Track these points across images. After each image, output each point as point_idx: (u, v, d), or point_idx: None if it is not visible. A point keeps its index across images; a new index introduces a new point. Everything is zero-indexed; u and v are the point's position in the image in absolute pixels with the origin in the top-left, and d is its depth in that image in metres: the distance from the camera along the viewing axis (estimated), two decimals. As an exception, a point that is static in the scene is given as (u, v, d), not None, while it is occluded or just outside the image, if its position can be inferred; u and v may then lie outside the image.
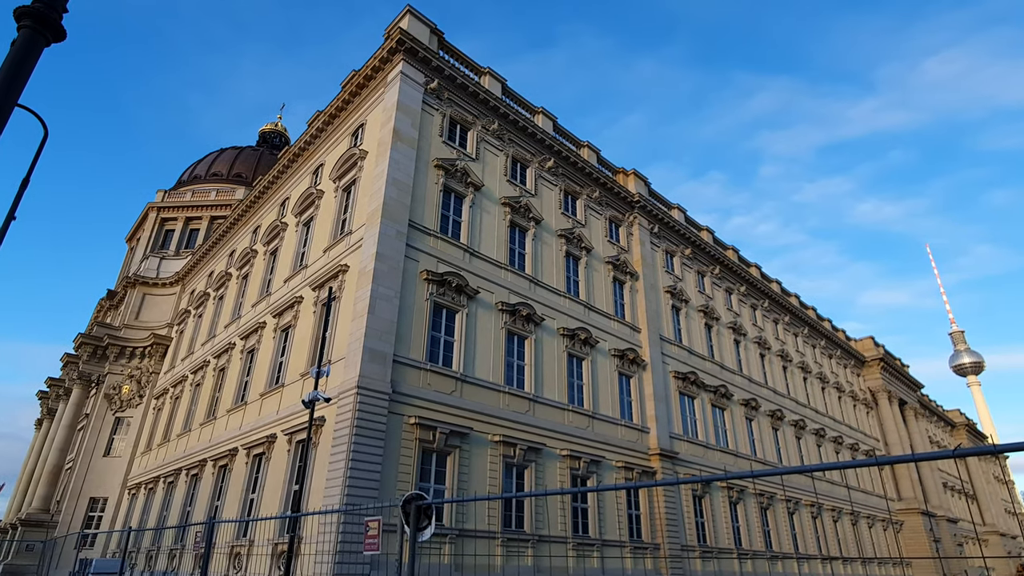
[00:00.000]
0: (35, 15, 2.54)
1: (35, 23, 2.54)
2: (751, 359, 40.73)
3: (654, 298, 33.02)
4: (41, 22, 2.54)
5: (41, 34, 2.56)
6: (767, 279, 47.97)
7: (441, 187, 23.97)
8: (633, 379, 29.42)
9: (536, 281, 26.27)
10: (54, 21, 2.65)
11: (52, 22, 2.63)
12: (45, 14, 2.54)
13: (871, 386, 58.20)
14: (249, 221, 37.05)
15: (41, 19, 2.54)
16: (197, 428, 30.68)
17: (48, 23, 2.58)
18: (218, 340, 33.23)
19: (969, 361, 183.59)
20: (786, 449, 40.25)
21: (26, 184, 8.02)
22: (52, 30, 2.65)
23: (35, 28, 2.54)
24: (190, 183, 63.07)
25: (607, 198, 33.00)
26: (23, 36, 2.56)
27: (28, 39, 2.54)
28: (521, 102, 29.97)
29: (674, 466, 28.81)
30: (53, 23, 2.64)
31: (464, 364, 21.55)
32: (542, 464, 22.49)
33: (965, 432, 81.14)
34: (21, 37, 2.57)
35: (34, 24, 2.53)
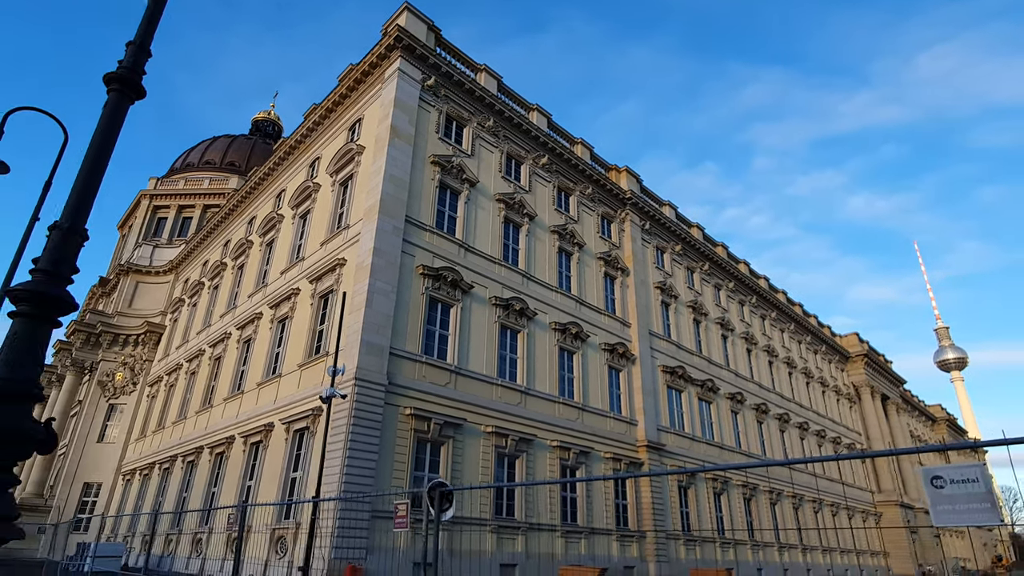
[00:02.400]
0: (122, 80, 3.01)
1: (122, 86, 3.01)
2: (738, 354, 41.57)
3: (644, 294, 33.67)
4: (127, 85, 3.02)
5: (127, 95, 3.04)
6: (755, 275, 48.78)
7: (437, 183, 24.38)
8: (622, 373, 30.10)
9: (529, 276, 26.80)
10: (136, 83, 3.12)
11: (135, 84, 3.10)
12: (129, 78, 3.02)
13: (855, 381, 59.40)
14: (244, 212, 37.25)
15: (127, 83, 3.01)
16: (193, 416, 31.08)
17: (132, 85, 3.05)
18: (213, 329, 33.54)
19: (953, 357, 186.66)
20: (770, 442, 41.22)
21: (48, 187, 8.45)
22: (135, 91, 3.12)
23: (122, 91, 3.02)
24: (183, 171, 62.88)
25: (600, 195, 33.52)
26: (112, 99, 3.03)
27: (116, 101, 3.02)
28: (516, 99, 30.34)
29: (661, 458, 29.59)
30: (136, 85, 3.11)
31: (458, 357, 22.10)
32: (533, 454, 23.14)
33: (946, 427, 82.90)
34: (111, 99, 3.04)
35: (121, 87, 3.01)
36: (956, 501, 2.23)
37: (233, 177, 60.90)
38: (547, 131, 30.91)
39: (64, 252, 2.63)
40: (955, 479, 2.29)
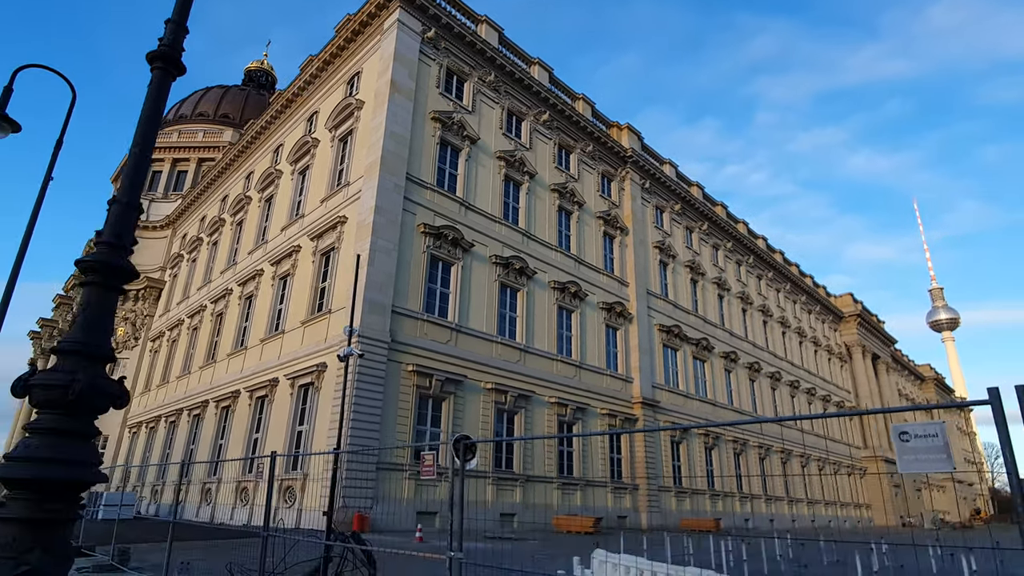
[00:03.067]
0: (164, 57, 3.12)
1: (165, 63, 3.13)
2: (733, 313, 42.12)
3: (643, 253, 33.87)
4: (169, 62, 3.13)
5: (170, 73, 3.16)
6: (753, 235, 48.92)
7: (438, 140, 24.19)
8: (619, 331, 30.60)
9: (529, 235, 26.92)
10: (177, 59, 3.24)
11: (176, 61, 3.22)
12: (171, 55, 3.13)
13: (847, 341, 60.38)
14: (241, 167, 36.90)
15: (169, 60, 3.13)
16: (197, 371, 31.60)
17: (174, 63, 3.16)
18: (214, 286, 33.74)
19: (945, 317, 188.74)
20: (761, 399, 42.24)
21: (59, 146, 8.50)
22: (176, 67, 3.24)
23: (165, 68, 3.13)
24: (175, 123, 61.73)
25: (600, 152, 33.28)
26: (156, 76, 3.14)
27: (160, 79, 3.14)
28: (518, 52, 29.75)
29: (655, 414, 30.41)
30: (177, 62, 3.22)
31: (459, 315, 22.44)
32: (531, 410, 23.79)
33: (934, 386, 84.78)
34: (155, 77, 3.16)
35: (164, 65, 3.13)
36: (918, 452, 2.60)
37: (228, 130, 59.90)
38: (549, 86, 30.45)
39: (124, 225, 2.82)
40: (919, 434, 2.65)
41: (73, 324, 2.65)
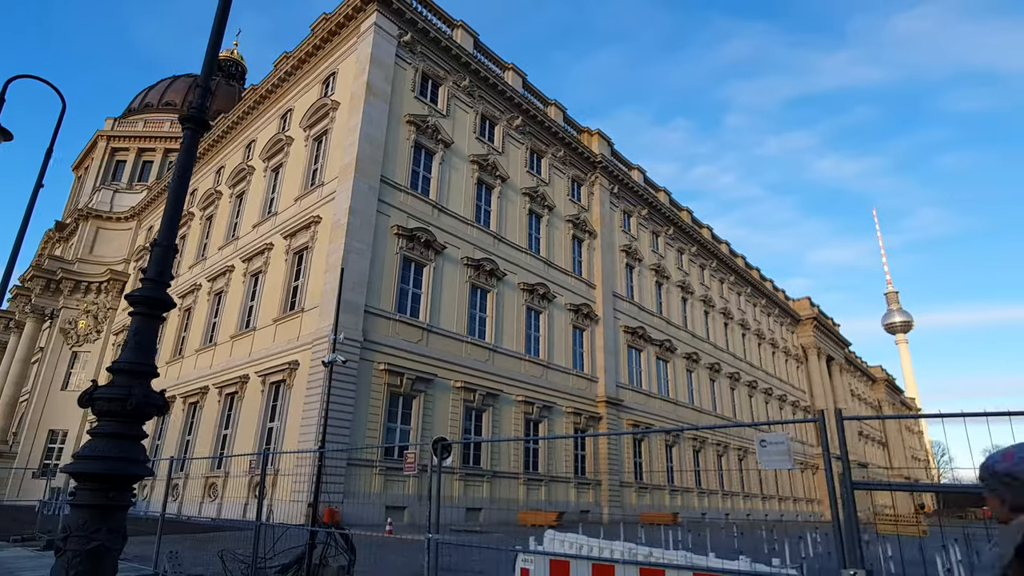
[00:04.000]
0: (194, 120, 3.69)
1: (195, 125, 3.71)
2: (696, 316, 43.60)
3: (610, 256, 34.91)
4: (198, 124, 3.71)
5: (199, 132, 3.73)
6: (717, 240, 50.59)
7: (412, 143, 24.67)
8: (586, 332, 31.57)
9: (500, 237, 27.60)
10: (205, 121, 3.81)
11: (205, 122, 3.79)
12: (200, 118, 3.71)
13: (803, 343, 62.82)
14: (211, 160, 36.63)
15: (198, 122, 3.71)
16: (163, 366, 31.35)
17: (202, 123, 3.75)
18: (182, 280, 33.51)
19: (900, 320, 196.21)
20: (721, 399, 43.86)
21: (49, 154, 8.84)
22: (205, 127, 3.81)
23: (195, 129, 3.71)
24: (141, 111, 60.47)
25: (571, 157, 34.16)
26: (187, 136, 3.71)
27: (191, 138, 3.71)
28: (492, 57, 30.37)
29: (619, 412, 31.49)
30: (205, 122, 3.80)
31: (430, 315, 23.01)
32: (499, 408, 24.52)
33: (884, 387, 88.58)
34: (186, 136, 3.73)
35: (195, 127, 3.70)
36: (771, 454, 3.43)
37: (196, 121, 58.73)
38: (522, 92, 31.15)
39: (165, 264, 3.41)
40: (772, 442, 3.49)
41: (125, 347, 3.22)
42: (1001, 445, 1.88)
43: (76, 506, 2.81)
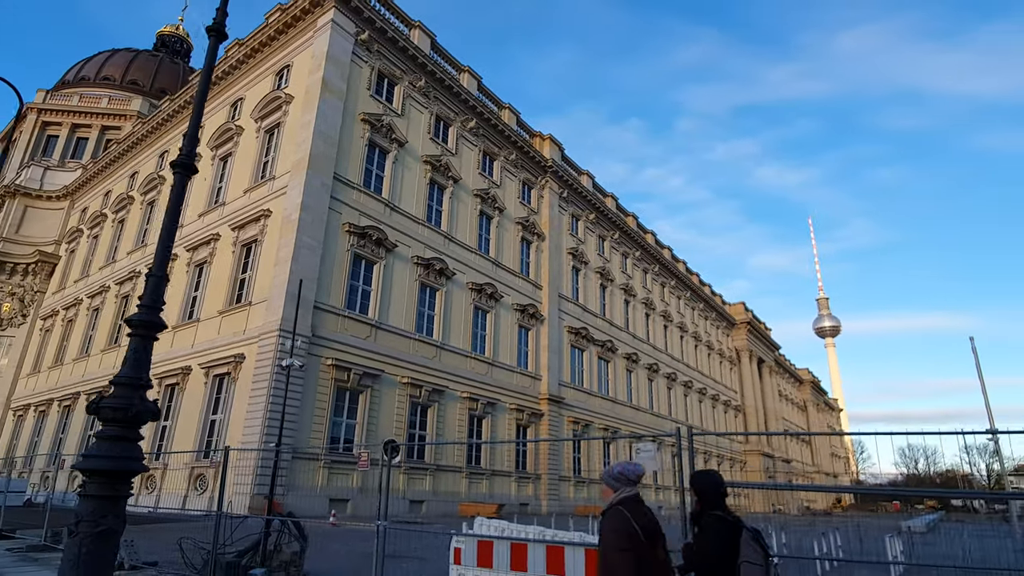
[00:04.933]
0: (183, 165, 4.25)
1: (184, 170, 4.27)
2: (637, 318, 45.45)
3: (557, 258, 36.07)
4: (187, 168, 4.28)
5: (187, 176, 4.29)
6: (660, 245, 52.71)
7: (366, 141, 24.94)
8: (531, 331, 32.62)
9: (450, 237, 28.22)
10: (192, 166, 4.38)
11: (191, 167, 4.36)
12: (189, 164, 4.28)
13: (737, 346, 66.17)
14: (154, 144, 35.60)
15: (187, 167, 4.27)
16: (98, 354, 30.50)
17: (190, 168, 4.32)
18: (120, 266, 32.55)
19: (828, 325, 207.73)
20: (657, 397, 45.94)
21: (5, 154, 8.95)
22: (193, 171, 4.38)
23: (184, 173, 4.27)
24: (76, 85, 57.59)
25: (523, 161, 35.06)
26: (177, 179, 4.26)
27: (180, 181, 4.26)
28: (449, 59, 30.86)
29: (560, 410, 32.73)
30: (192, 167, 4.37)
31: (379, 312, 23.45)
32: (444, 404, 25.22)
33: (810, 388, 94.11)
34: (176, 180, 4.26)
35: (183, 171, 4.27)
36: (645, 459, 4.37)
37: (136, 98, 56.72)
38: (477, 95, 31.79)
39: (158, 293, 3.99)
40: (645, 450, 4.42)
41: (125, 364, 3.80)
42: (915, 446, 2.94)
43: (85, 496, 3.40)
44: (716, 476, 3.42)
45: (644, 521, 2.97)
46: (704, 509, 3.28)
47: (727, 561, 3.00)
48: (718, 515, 3.17)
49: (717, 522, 3.14)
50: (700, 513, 3.27)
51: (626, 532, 2.90)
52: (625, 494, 3.08)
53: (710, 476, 3.41)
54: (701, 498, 3.31)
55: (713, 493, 3.29)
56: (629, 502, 3.05)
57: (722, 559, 3.02)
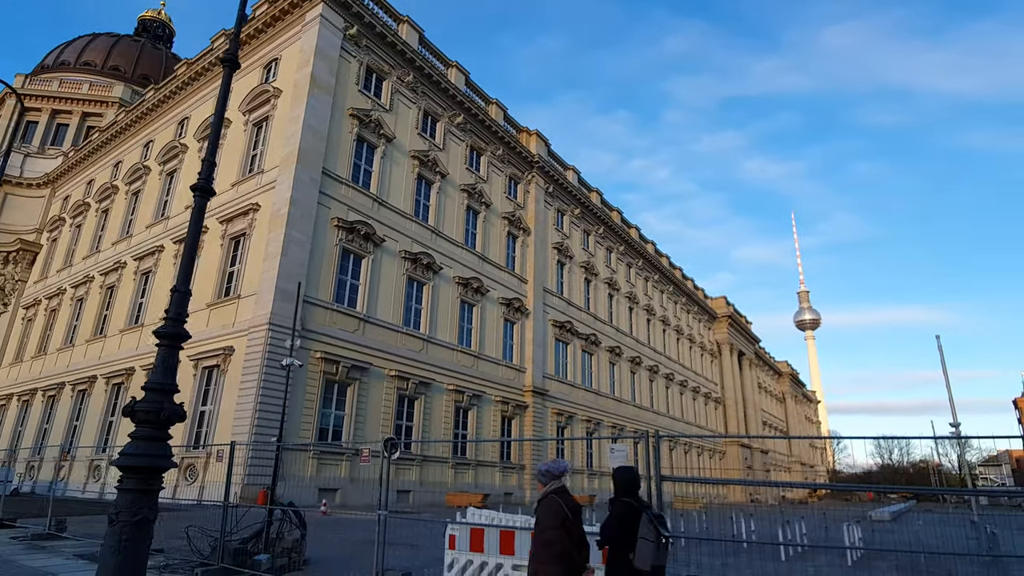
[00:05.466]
0: (202, 189, 4.66)
1: (203, 193, 4.68)
2: (620, 311, 46.21)
3: (543, 253, 36.59)
4: (205, 192, 4.69)
5: (205, 198, 4.70)
6: (644, 240, 53.47)
7: (355, 136, 25.16)
8: (516, 325, 33.16)
9: (438, 232, 28.58)
10: (211, 189, 4.78)
11: (210, 190, 4.76)
12: (207, 187, 4.69)
13: (718, 339, 67.39)
14: (139, 133, 35.38)
15: (205, 191, 4.68)
16: (83, 344, 30.47)
17: (209, 191, 4.72)
18: (104, 257, 32.45)
19: (809, 318, 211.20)
20: (639, 390, 46.85)
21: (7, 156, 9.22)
22: (211, 194, 4.78)
23: (203, 196, 4.68)
24: (56, 70, 56.68)
25: (509, 156, 35.43)
26: (197, 202, 4.68)
27: (200, 203, 4.67)
28: (437, 54, 31.06)
29: (544, 401, 33.38)
30: (211, 191, 4.77)
31: (367, 306, 23.81)
32: (431, 396, 25.71)
33: (788, 380, 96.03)
34: (196, 203, 4.68)
35: (203, 195, 4.67)
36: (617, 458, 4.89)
37: (118, 84, 56.01)
38: (464, 90, 32.04)
39: (182, 306, 4.41)
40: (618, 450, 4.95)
41: (155, 371, 4.22)
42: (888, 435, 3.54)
43: (123, 490, 3.83)
44: (632, 471, 4.23)
45: (571, 505, 3.90)
46: (618, 496, 4.08)
47: (629, 536, 3.82)
48: (626, 501, 4.00)
49: (624, 507, 3.97)
50: (614, 499, 4.05)
51: (560, 514, 3.79)
52: (555, 486, 4.00)
53: (627, 472, 4.21)
54: (618, 488, 4.08)
55: (626, 485, 4.09)
56: (559, 492, 3.96)
57: (624, 535, 3.85)
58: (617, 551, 3.88)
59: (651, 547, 3.69)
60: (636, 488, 4.09)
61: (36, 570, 6.99)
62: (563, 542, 3.70)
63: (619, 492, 4.06)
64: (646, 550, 3.69)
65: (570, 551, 3.70)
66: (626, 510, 3.91)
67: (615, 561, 3.89)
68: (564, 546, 3.68)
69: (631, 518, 3.84)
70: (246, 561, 6.62)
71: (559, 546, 3.68)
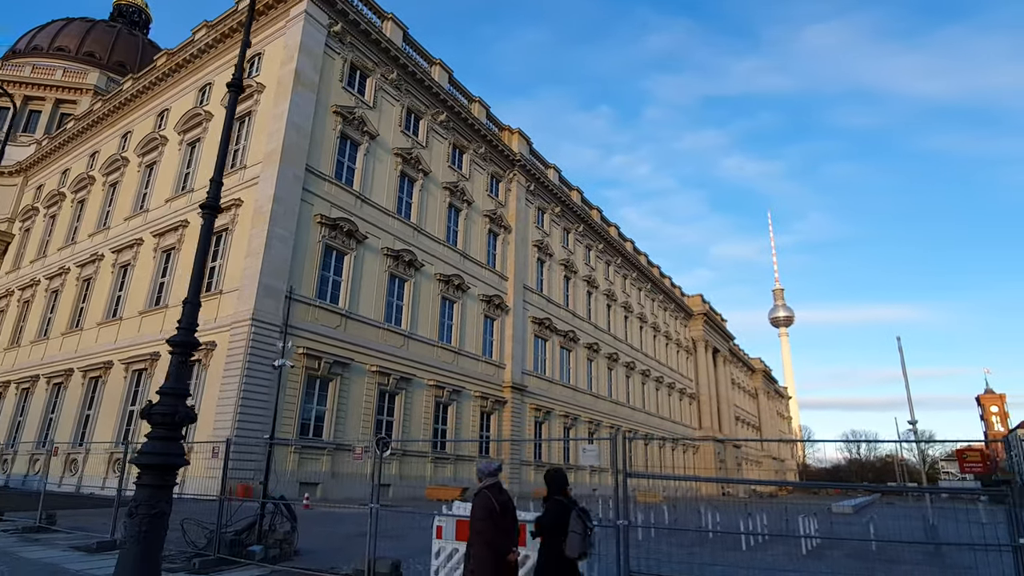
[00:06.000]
0: (210, 207, 5.04)
1: (210, 211, 5.05)
2: (599, 309, 46.98)
3: (523, 250, 37.09)
4: (212, 210, 5.07)
5: (214, 216, 5.07)
6: (623, 238, 54.30)
7: (338, 134, 25.32)
8: (497, 321, 33.65)
9: (420, 229, 28.88)
10: (218, 207, 5.15)
11: (217, 208, 5.13)
12: (215, 205, 5.07)
13: (694, 336, 68.72)
14: (116, 123, 34.95)
15: (212, 208, 5.06)
16: (58, 337, 30.17)
17: (216, 209, 5.09)
18: (81, 248, 32.10)
19: (783, 315, 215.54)
20: (616, 386, 47.73)
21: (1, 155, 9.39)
22: (217, 211, 5.16)
23: (211, 214, 5.05)
24: (28, 55, 55.41)
25: (491, 154, 35.79)
26: (206, 219, 5.07)
27: (208, 220, 5.05)
28: (421, 52, 31.26)
29: (523, 397, 33.97)
30: (217, 208, 5.15)
31: (350, 302, 24.07)
32: (411, 392, 26.09)
33: (761, 376, 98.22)
34: (205, 221, 5.07)
35: (210, 212, 5.05)
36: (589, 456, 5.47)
37: (93, 71, 55.05)
38: (448, 88, 32.30)
39: (193, 317, 4.79)
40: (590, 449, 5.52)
41: (168, 377, 4.60)
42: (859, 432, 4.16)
43: (141, 485, 4.22)
44: (561, 473, 4.94)
45: (502, 500, 4.64)
46: (550, 495, 4.79)
47: (560, 529, 4.53)
48: (558, 499, 4.72)
49: (555, 504, 4.70)
50: (547, 497, 4.78)
51: (489, 507, 4.54)
52: (488, 483, 4.72)
53: (557, 473, 4.93)
54: (549, 487, 4.82)
55: (557, 485, 4.81)
56: (492, 488, 4.68)
57: (556, 527, 4.56)
58: (550, 541, 4.56)
59: (579, 538, 4.42)
60: (565, 486, 4.80)
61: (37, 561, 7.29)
62: (489, 531, 4.44)
63: (552, 491, 4.77)
64: (575, 541, 4.41)
65: (496, 538, 4.46)
66: (558, 507, 4.61)
67: (548, 549, 4.59)
68: (490, 534, 4.44)
69: (563, 514, 4.54)
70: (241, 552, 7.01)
71: (487, 534, 4.44)
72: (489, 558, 4.40)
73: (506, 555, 4.52)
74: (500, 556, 4.47)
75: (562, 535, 4.46)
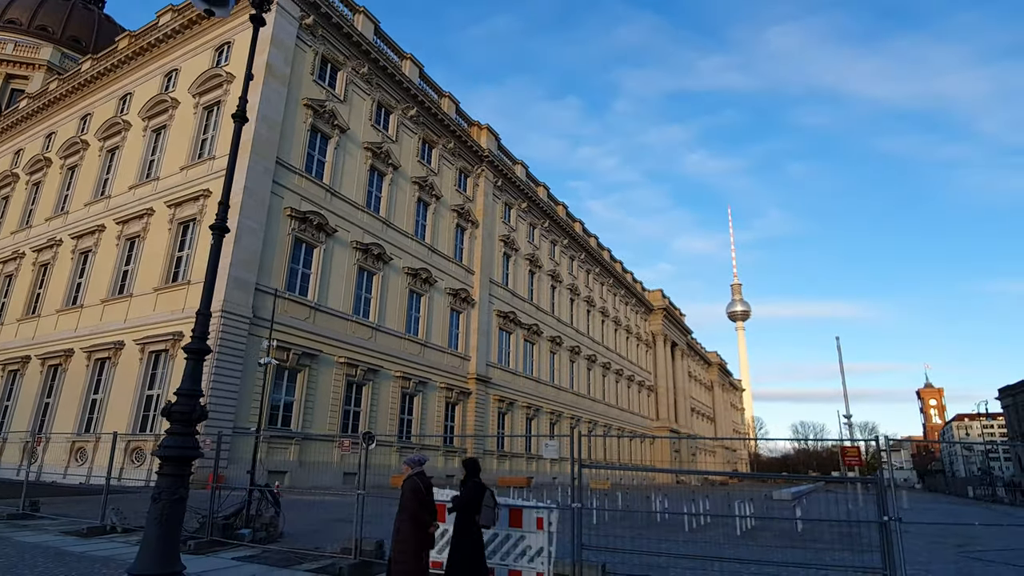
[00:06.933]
0: (219, 227, 5.64)
1: (219, 231, 5.65)
2: (562, 303, 48.15)
3: (490, 245, 37.82)
4: (222, 229, 5.67)
5: (223, 234, 5.67)
6: (587, 234, 55.55)
7: (309, 127, 25.49)
8: (463, 314, 34.36)
9: (389, 223, 29.30)
10: (225, 227, 5.75)
11: (225, 228, 5.73)
12: (223, 226, 5.67)
13: (653, 330, 70.79)
14: (75, 105, 34.07)
15: (221, 228, 5.67)
16: (14, 323, 29.53)
17: (224, 228, 5.69)
18: (37, 232, 31.37)
19: (740, 309, 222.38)
20: (578, 377, 49.09)
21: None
22: (226, 231, 5.76)
23: (220, 233, 5.64)
24: (-26, 26, 52.93)
25: (460, 150, 36.31)
26: (216, 238, 5.65)
27: (218, 239, 5.64)
28: (392, 46, 31.48)
29: (487, 388, 34.84)
30: (225, 228, 5.74)
31: (319, 294, 24.42)
32: (378, 383, 26.64)
33: (717, 369, 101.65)
34: (215, 239, 5.65)
35: (220, 231, 5.65)
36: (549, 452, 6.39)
37: (46, 46, 53.21)
38: (419, 83, 32.63)
39: (205, 327, 5.40)
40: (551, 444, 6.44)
41: (184, 379, 5.23)
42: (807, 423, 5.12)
43: (162, 475, 4.85)
44: (475, 461, 6.36)
45: (425, 484, 5.81)
46: (467, 478, 6.11)
47: (474, 505, 5.83)
48: (476, 481, 6.07)
49: (474, 485, 6.01)
50: (465, 480, 6.14)
51: (416, 489, 5.66)
52: (415, 470, 5.86)
53: (472, 461, 6.35)
54: (467, 472, 6.18)
55: (472, 469, 6.19)
56: (418, 475, 5.84)
57: (470, 504, 5.84)
58: (467, 514, 5.80)
59: (490, 511, 5.85)
60: (478, 472, 6.20)
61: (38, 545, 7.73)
62: (414, 507, 5.57)
63: (469, 475, 6.12)
64: (488, 514, 5.82)
65: (420, 513, 5.58)
66: (476, 487, 5.95)
67: (464, 521, 5.82)
68: (415, 511, 5.55)
69: (479, 493, 5.87)
70: (231, 535, 7.62)
71: (412, 511, 5.55)
72: (413, 530, 5.48)
73: (427, 528, 5.61)
74: (422, 528, 5.55)
75: (476, 510, 5.74)
